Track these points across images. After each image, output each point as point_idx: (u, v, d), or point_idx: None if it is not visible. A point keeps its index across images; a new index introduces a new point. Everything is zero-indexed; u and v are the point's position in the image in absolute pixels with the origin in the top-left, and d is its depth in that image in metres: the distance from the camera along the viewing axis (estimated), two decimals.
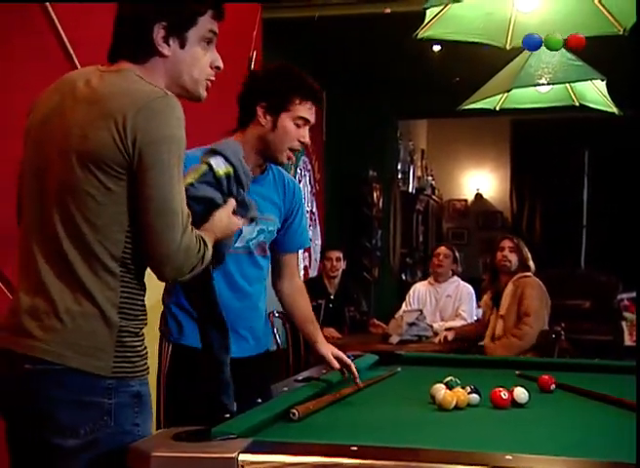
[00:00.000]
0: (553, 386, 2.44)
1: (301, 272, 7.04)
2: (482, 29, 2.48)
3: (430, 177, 11.29)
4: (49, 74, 2.07)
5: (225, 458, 1.46)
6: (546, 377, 2.48)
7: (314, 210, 7.48)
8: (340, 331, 5.21)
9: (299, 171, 7.05)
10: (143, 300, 1.69)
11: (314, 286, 5.53)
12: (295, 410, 1.94)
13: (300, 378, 2.50)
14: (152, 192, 1.56)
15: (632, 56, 6.35)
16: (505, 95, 3.20)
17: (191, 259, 1.62)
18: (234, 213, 1.83)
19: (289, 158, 2.43)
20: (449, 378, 2.34)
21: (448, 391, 2.18)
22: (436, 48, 6.45)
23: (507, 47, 2.52)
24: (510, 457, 1.39)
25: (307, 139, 2.42)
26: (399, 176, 9.66)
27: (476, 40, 2.55)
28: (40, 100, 1.73)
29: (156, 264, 1.62)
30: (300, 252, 7.11)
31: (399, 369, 2.91)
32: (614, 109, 3.29)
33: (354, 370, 2.44)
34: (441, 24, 2.39)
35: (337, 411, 2.07)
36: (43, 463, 1.62)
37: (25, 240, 1.66)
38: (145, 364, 1.69)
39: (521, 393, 2.21)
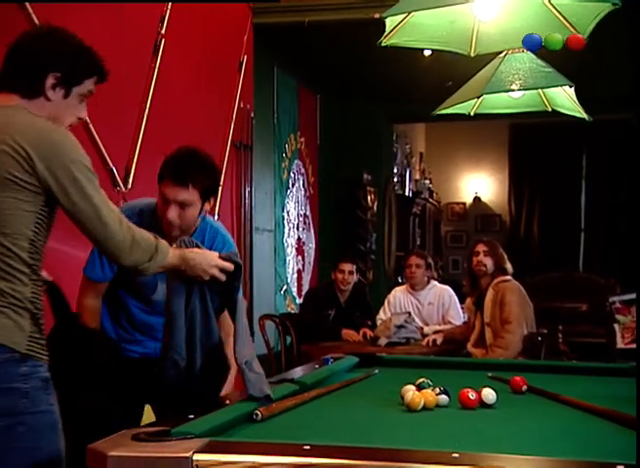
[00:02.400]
0: (525, 387, 2.47)
1: (295, 275, 7.07)
2: (445, 37, 2.50)
3: (427, 181, 11.30)
4: None
5: (180, 458, 1.48)
6: (518, 379, 2.50)
7: (308, 213, 7.51)
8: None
9: (292, 174, 7.08)
10: (41, 294, 2.01)
11: (324, 295, 5.53)
12: (258, 411, 1.96)
13: (274, 380, 2.52)
14: (79, 205, 1.91)
15: (633, 56, 6.40)
16: (480, 100, 3.24)
17: (140, 249, 1.99)
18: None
19: None
20: (421, 380, 2.37)
21: (416, 392, 2.20)
22: (427, 52, 6.46)
23: (472, 54, 2.55)
24: (457, 455, 1.41)
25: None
26: (395, 180, 9.68)
27: (440, 48, 2.58)
28: None
29: (113, 258, 2.01)
30: (294, 255, 7.14)
31: (376, 370, 2.93)
32: (583, 115, 3.33)
33: None
34: (404, 32, 2.42)
35: (303, 412, 2.09)
36: None
37: None
38: (46, 351, 1.98)
39: (489, 394, 2.23)
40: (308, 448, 1.50)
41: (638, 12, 5.90)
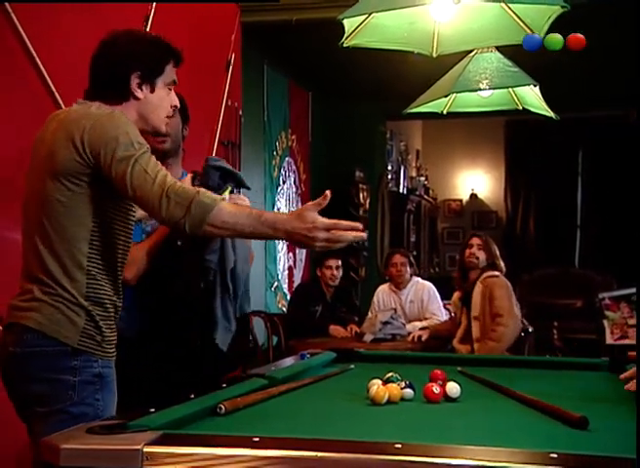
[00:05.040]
0: (441, 382, 2.28)
1: (285, 272, 7.10)
2: (406, 38, 2.53)
3: (423, 178, 11.32)
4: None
5: (131, 450, 1.51)
6: (438, 372, 2.40)
7: None
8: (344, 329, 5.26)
9: (282, 172, 7.11)
10: (110, 290, 2.07)
11: (311, 291, 5.57)
12: (222, 405, 1.99)
13: (245, 375, 2.55)
14: (119, 173, 1.92)
15: (634, 56, 6.42)
16: (452, 99, 3.27)
17: (172, 202, 1.90)
18: None
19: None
20: (390, 374, 2.39)
21: (381, 386, 2.23)
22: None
23: (434, 54, 2.57)
24: (400, 445, 1.44)
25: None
26: (390, 177, 9.70)
27: (402, 48, 2.60)
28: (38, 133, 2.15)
29: (147, 211, 1.98)
30: (285, 251, 7.17)
31: (352, 366, 2.96)
32: (550, 113, 3.37)
33: None
34: (366, 33, 2.45)
35: (269, 406, 2.12)
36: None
37: (24, 240, 2.09)
38: (112, 348, 2.08)
39: (453, 388, 2.25)
40: (257, 439, 1.53)
41: (634, 10, 5.93)
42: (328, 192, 2.03)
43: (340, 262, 5.53)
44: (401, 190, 10.23)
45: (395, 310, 5.07)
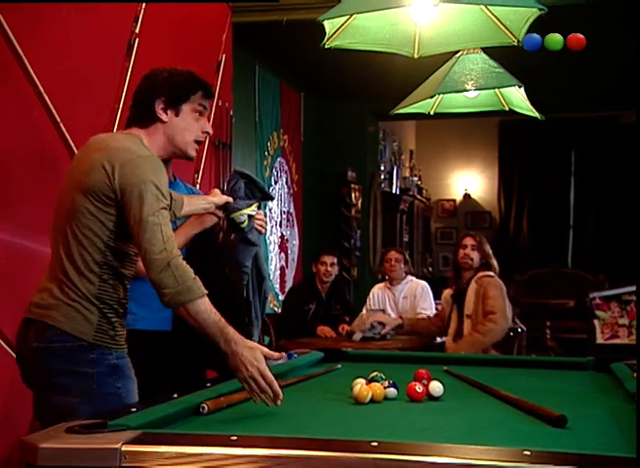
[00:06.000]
0: (425, 382, 2.31)
1: (277, 272, 7.10)
2: (388, 40, 2.53)
3: (416, 178, 11.34)
4: None
5: (108, 449, 1.52)
6: (423, 372, 2.41)
7: (291, 210, 7.54)
8: (335, 330, 5.27)
9: (274, 172, 7.11)
10: (119, 293, 2.26)
11: (306, 289, 5.58)
12: (205, 405, 2.00)
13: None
14: (135, 218, 2.12)
15: (626, 59, 6.45)
16: (438, 100, 3.28)
17: (169, 272, 2.08)
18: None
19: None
20: (374, 374, 2.40)
21: (364, 385, 2.24)
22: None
23: (415, 56, 2.58)
24: (376, 443, 1.45)
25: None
26: (382, 177, 9.71)
27: (384, 50, 2.60)
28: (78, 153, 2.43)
29: (145, 265, 2.13)
30: (277, 252, 7.18)
31: (339, 365, 2.97)
32: (536, 114, 3.37)
33: None
34: (347, 35, 2.46)
35: (251, 406, 2.12)
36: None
37: (51, 244, 2.30)
38: (124, 341, 2.28)
39: (436, 387, 2.26)
40: (235, 438, 1.54)
41: (627, 13, 5.96)
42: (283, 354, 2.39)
43: (335, 260, 5.55)
44: (394, 190, 10.24)
45: (383, 311, 5.09)
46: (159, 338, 2.74)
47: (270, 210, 6.90)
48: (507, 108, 3.33)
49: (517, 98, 3.28)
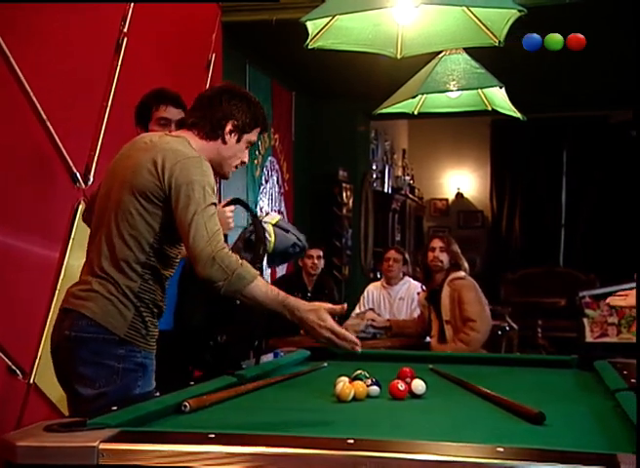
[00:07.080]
0: (408, 380, 2.32)
1: (269, 270, 7.10)
2: (371, 40, 2.55)
3: (408, 177, 11.35)
4: None
5: (86, 447, 1.52)
6: (406, 370, 2.42)
7: (282, 209, 7.55)
8: None
9: (265, 171, 7.11)
10: (157, 294, 2.32)
11: (293, 282, 5.61)
12: (187, 403, 2.00)
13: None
14: (181, 216, 2.18)
15: (617, 59, 6.46)
16: (422, 100, 3.29)
17: (216, 266, 2.12)
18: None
19: None
20: (358, 372, 2.41)
21: (347, 383, 2.25)
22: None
23: (398, 56, 2.59)
24: (352, 441, 1.46)
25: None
26: (374, 176, 9.72)
27: (367, 50, 2.62)
28: (122, 148, 2.44)
29: (192, 262, 2.17)
30: None
31: (325, 364, 2.97)
32: (518, 115, 3.39)
33: None
34: (330, 35, 2.47)
35: (234, 404, 2.13)
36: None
37: (90, 237, 2.39)
38: (154, 342, 2.33)
39: (418, 385, 2.27)
40: (213, 436, 1.55)
41: (618, 13, 5.97)
42: (345, 306, 2.35)
43: (320, 253, 5.59)
44: (386, 189, 10.25)
45: (372, 310, 5.10)
46: (159, 338, 2.72)
47: (261, 209, 6.90)
48: (490, 108, 3.35)
49: (500, 99, 3.30)
